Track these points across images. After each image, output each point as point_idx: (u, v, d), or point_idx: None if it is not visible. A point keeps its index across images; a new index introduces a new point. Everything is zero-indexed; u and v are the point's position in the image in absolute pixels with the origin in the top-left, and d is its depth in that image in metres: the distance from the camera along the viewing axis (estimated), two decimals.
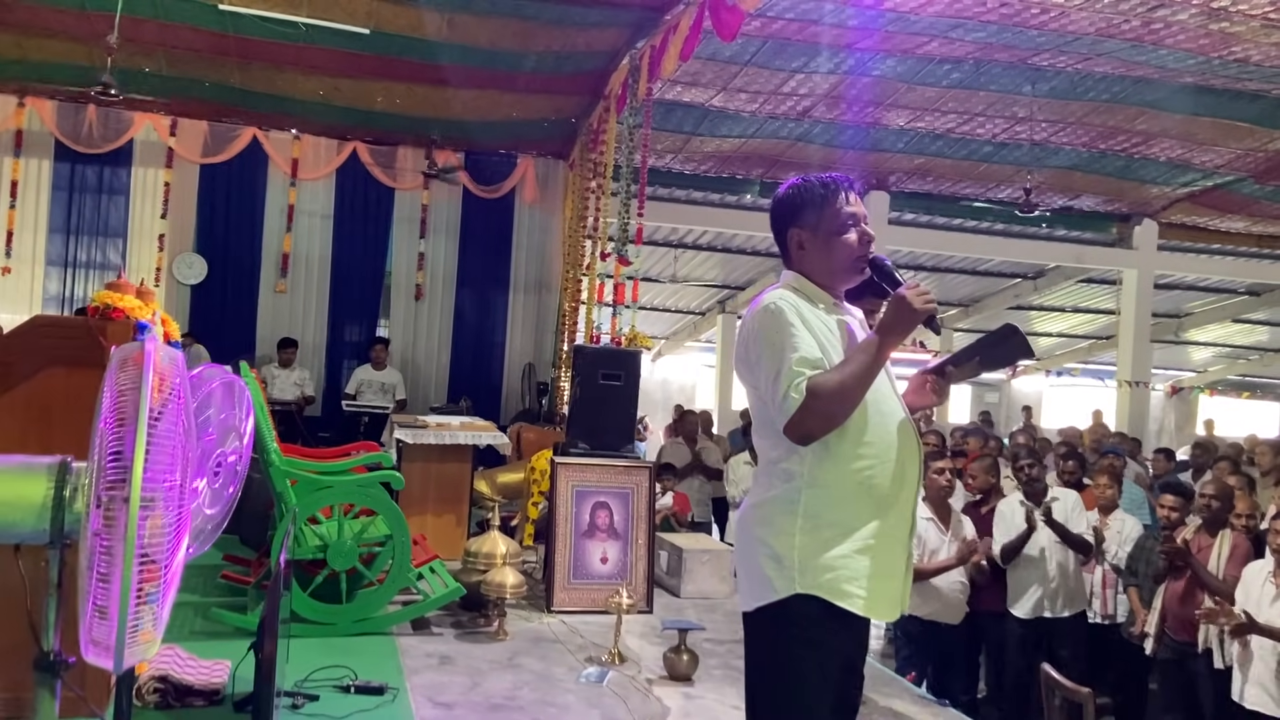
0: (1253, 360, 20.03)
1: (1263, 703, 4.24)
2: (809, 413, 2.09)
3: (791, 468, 2.19)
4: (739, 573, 2.32)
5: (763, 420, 2.27)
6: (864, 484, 2.19)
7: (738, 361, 2.31)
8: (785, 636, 2.17)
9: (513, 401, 9.75)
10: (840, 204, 2.28)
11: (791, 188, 2.35)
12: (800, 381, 2.10)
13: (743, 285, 14.82)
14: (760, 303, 2.25)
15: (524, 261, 9.97)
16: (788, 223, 2.33)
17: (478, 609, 4.55)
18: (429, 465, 5.70)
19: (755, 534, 2.22)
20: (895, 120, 9.19)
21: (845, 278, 2.32)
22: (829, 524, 2.17)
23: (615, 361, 5.09)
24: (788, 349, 2.13)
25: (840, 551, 2.16)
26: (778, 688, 2.19)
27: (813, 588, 2.14)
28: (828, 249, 2.29)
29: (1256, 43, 7.07)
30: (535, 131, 9.32)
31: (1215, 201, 11.50)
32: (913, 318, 2.14)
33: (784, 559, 2.16)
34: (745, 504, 2.32)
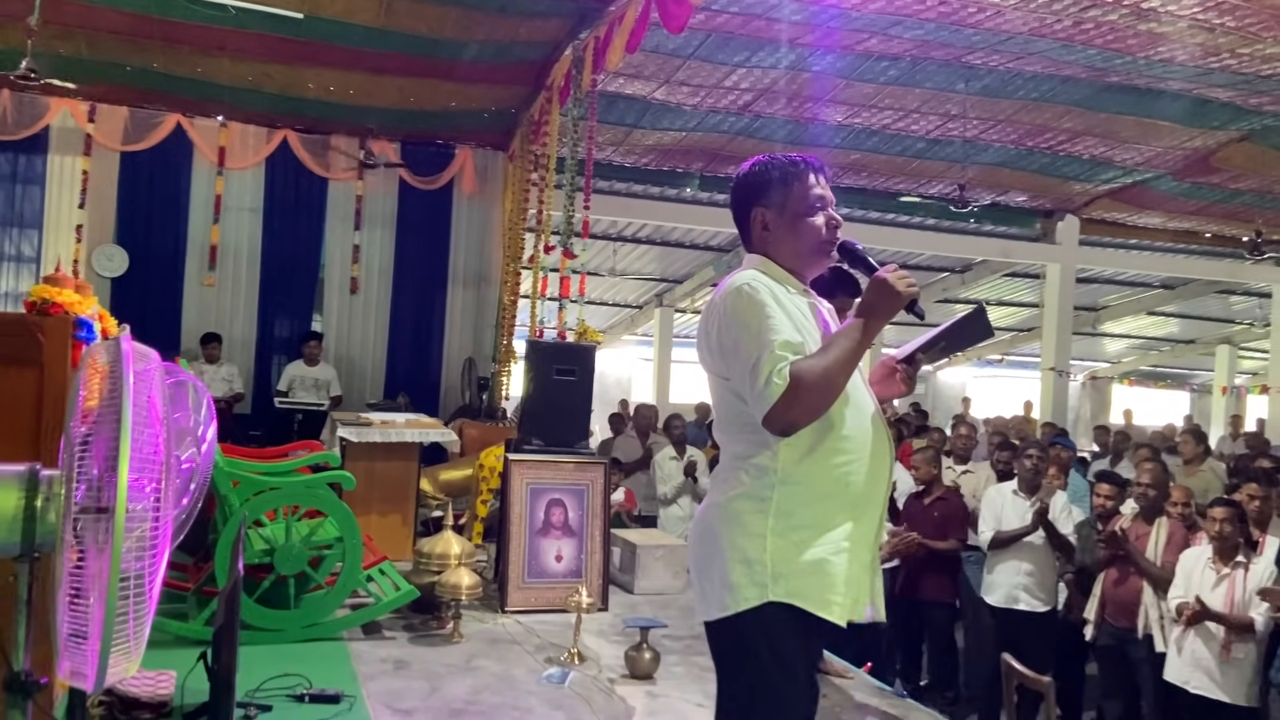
0: (1164, 351, 20.82)
1: (1203, 686, 4.38)
2: (793, 401, 1.93)
3: (764, 463, 2.04)
4: (698, 577, 2.13)
5: (730, 412, 2.11)
6: (839, 481, 2.06)
7: (704, 349, 2.14)
8: (757, 649, 2.01)
9: (452, 397, 9.60)
10: (809, 184, 2.16)
11: (757, 165, 2.22)
12: (783, 367, 1.94)
13: (680, 279, 14.85)
14: (729, 285, 2.08)
15: (463, 254, 9.81)
16: (751, 201, 2.19)
17: (430, 611, 4.46)
18: (374, 464, 5.57)
19: (721, 535, 2.05)
20: (833, 116, 9.27)
21: (812, 262, 2.19)
22: (802, 524, 2.03)
23: (568, 357, 5.03)
24: (767, 332, 1.98)
25: (816, 555, 2.02)
26: (754, 705, 2.03)
27: (787, 595, 1.99)
28: (794, 231, 2.16)
29: (1183, 43, 7.29)
30: (475, 122, 9.17)
31: (1134, 198, 11.87)
32: (896, 301, 2.04)
33: (755, 563, 2.00)
34: (707, 502, 2.15)
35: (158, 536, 1.55)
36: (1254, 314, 17.39)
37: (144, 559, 1.49)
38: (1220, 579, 4.42)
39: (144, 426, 1.57)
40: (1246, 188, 11.09)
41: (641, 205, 11.14)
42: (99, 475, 1.53)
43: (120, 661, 1.46)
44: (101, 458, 1.53)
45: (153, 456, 1.55)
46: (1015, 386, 18.85)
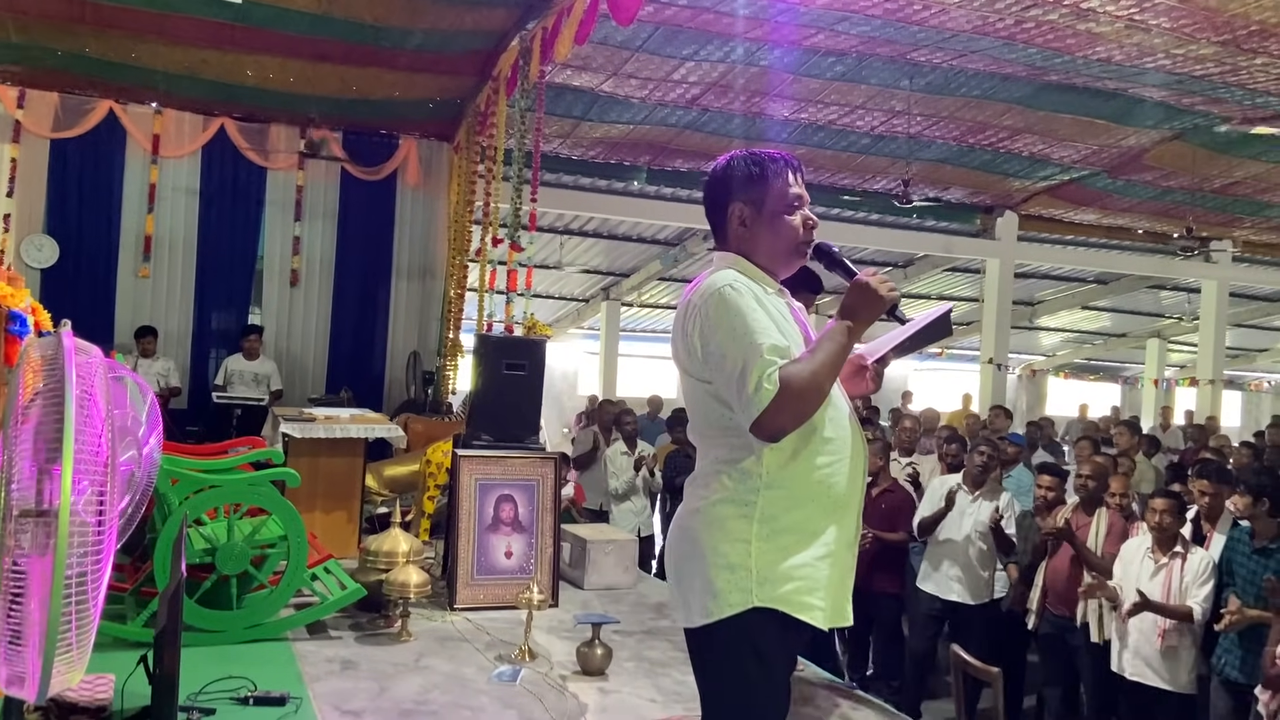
0: (1097, 345, 21.35)
1: (1142, 673, 4.49)
2: (783, 407, 1.90)
3: (748, 467, 2.01)
4: (678, 584, 2.10)
5: (709, 415, 2.07)
6: (823, 484, 2.03)
7: (681, 351, 2.08)
8: (741, 654, 1.99)
9: (396, 391, 9.46)
10: (789, 182, 2.13)
11: (736, 159, 2.17)
12: (773, 372, 1.91)
13: (627, 272, 14.84)
14: (707, 286, 2.04)
15: (407, 247, 9.65)
16: (729, 196, 2.14)
17: (377, 610, 4.39)
18: (318, 460, 5.46)
19: (703, 541, 2.02)
20: (780, 111, 9.32)
21: (787, 261, 2.16)
22: (787, 529, 2.00)
23: (519, 351, 4.98)
24: (755, 336, 1.94)
25: (801, 559, 2.00)
26: (738, 711, 2.03)
27: (772, 600, 1.97)
28: (773, 228, 2.12)
29: (1120, 43, 7.45)
30: (419, 112, 9.03)
31: (1070, 195, 12.15)
32: (879, 305, 2.03)
33: (739, 568, 1.98)
34: (687, 507, 2.11)
35: (102, 539, 1.49)
36: (1183, 309, 17.92)
37: (87, 562, 1.43)
38: (1159, 568, 4.53)
39: (86, 425, 1.51)
40: (1178, 185, 11.40)
41: (589, 198, 11.11)
42: (39, 475, 1.46)
43: (63, 669, 1.39)
44: (42, 457, 1.46)
45: (95, 456, 1.49)
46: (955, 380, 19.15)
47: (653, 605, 5.01)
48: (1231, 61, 7.72)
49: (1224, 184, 11.38)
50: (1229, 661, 4.37)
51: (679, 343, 2.10)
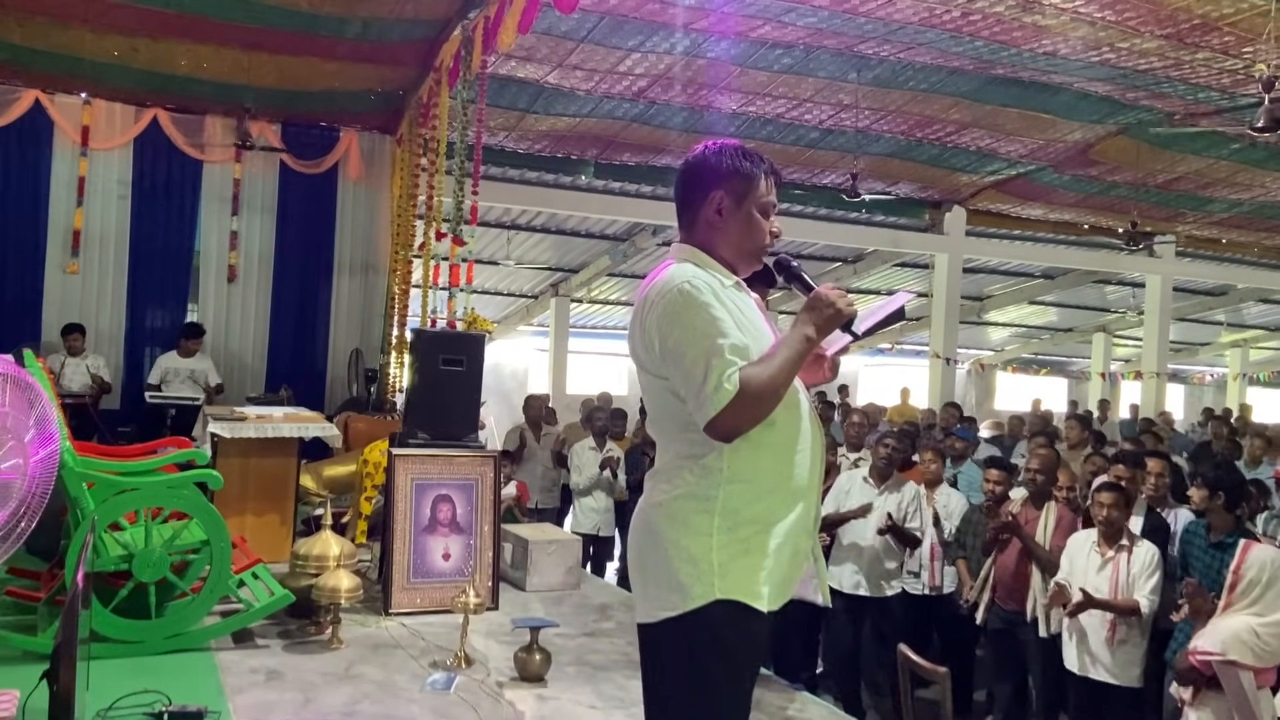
0: (1044, 339, 21.61)
1: (1091, 668, 4.46)
2: (740, 408, 1.93)
3: (710, 462, 2.01)
4: (638, 578, 2.10)
5: (669, 411, 2.07)
6: (782, 475, 2.06)
7: (638, 346, 2.08)
8: (704, 649, 1.98)
9: (338, 389, 9.23)
10: (770, 186, 2.16)
11: (725, 149, 2.15)
12: (733, 373, 1.93)
13: (576, 268, 14.68)
14: (666, 281, 2.04)
15: (349, 241, 9.41)
16: (713, 183, 2.12)
17: (308, 616, 4.21)
18: (248, 461, 5.25)
19: (664, 535, 2.02)
20: (728, 104, 9.24)
21: (748, 261, 2.17)
22: (748, 521, 2.02)
23: (456, 346, 4.82)
24: (715, 335, 1.96)
25: (760, 550, 2.02)
26: (693, 710, 2.01)
27: (734, 592, 1.98)
28: (747, 226, 2.13)
29: (1065, 36, 7.47)
30: (360, 103, 8.81)
31: (1017, 189, 12.22)
32: (836, 319, 2.05)
33: (700, 561, 1.98)
34: (647, 503, 2.10)
35: None
36: (1128, 303, 18.19)
37: None
38: (1105, 562, 4.50)
39: None
40: (1123, 180, 11.53)
41: (535, 192, 10.92)
42: None
43: None
44: None
45: None
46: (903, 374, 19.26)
47: (596, 607, 4.88)
48: (1174, 56, 7.78)
49: (1167, 179, 11.51)
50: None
51: (637, 338, 2.10)
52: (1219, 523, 4.54)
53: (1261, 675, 3.71)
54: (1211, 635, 3.74)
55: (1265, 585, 3.72)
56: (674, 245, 2.21)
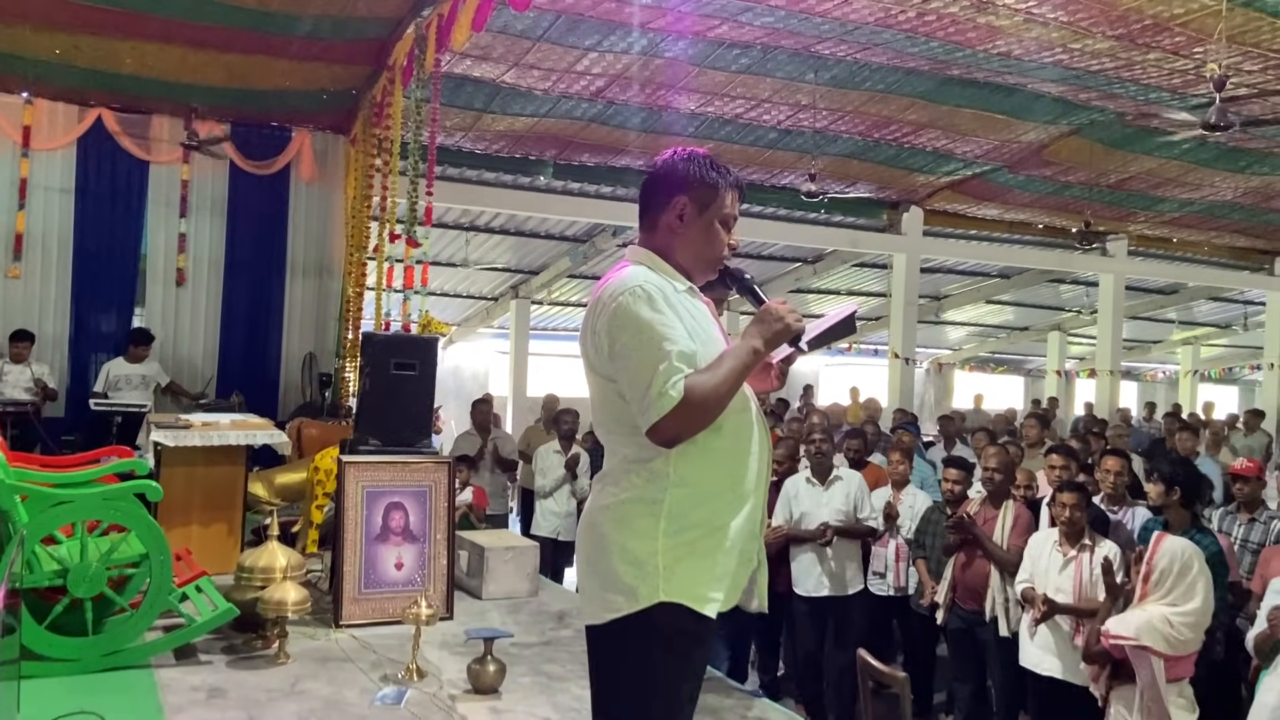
0: (1001, 338, 21.85)
1: (1054, 669, 4.45)
2: (682, 416, 1.95)
3: (657, 467, 2.03)
4: (586, 581, 2.14)
5: (617, 414, 2.09)
6: (728, 480, 2.09)
7: (589, 349, 2.11)
8: (648, 650, 2.01)
9: (292, 395, 9.05)
10: (734, 200, 2.20)
11: (694, 157, 2.19)
12: (679, 380, 1.95)
13: (536, 270, 14.56)
14: (618, 285, 2.06)
15: (302, 244, 9.22)
16: (678, 188, 2.16)
17: (254, 630, 4.08)
18: (194, 470, 5.10)
19: (611, 538, 2.05)
20: (686, 104, 9.19)
21: (704, 271, 2.20)
22: (694, 524, 2.04)
23: (408, 349, 4.71)
24: (663, 341, 1.98)
25: (706, 554, 2.05)
26: (639, 710, 2.02)
27: (678, 595, 2.01)
28: (707, 234, 2.17)
29: (1019, 37, 7.50)
30: (312, 103, 8.64)
31: (973, 190, 12.31)
32: (784, 333, 2.08)
33: (646, 564, 2.01)
34: (594, 505, 2.13)
35: None
36: (1082, 301, 18.42)
37: None
38: (1067, 562, 4.49)
39: None
40: (1076, 180, 11.64)
41: (493, 193, 10.79)
42: None
43: None
44: None
45: None
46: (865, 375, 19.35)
47: (554, 614, 4.80)
48: (1126, 56, 7.84)
49: (1119, 179, 11.65)
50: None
51: (587, 339, 2.13)
52: (1176, 519, 4.56)
53: (1175, 666, 3.77)
54: (1126, 621, 3.80)
55: (1177, 575, 3.78)
56: (630, 248, 2.23)
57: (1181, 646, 3.76)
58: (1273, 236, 14.60)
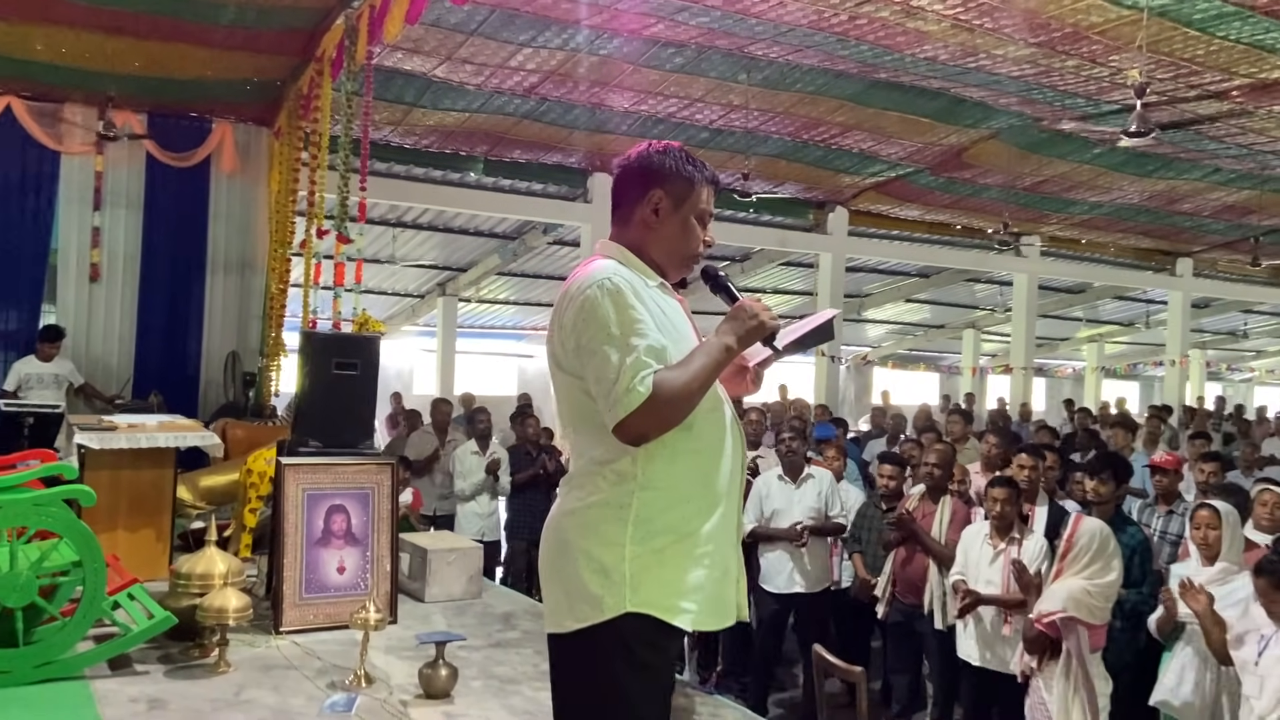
0: (918, 336, 22.40)
1: (984, 658, 4.58)
2: (650, 412, 1.87)
3: (624, 469, 1.95)
4: (550, 587, 2.05)
5: (585, 413, 2.00)
6: (700, 483, 2.01)
7: (556, 345, 2.03)
8: (614, 661, 1.93)
9: (213, 394, 8.76)
10: (709, 194, 2.14)
11: (670, 150, 2.12)
12: (647, 375, 1.87)
13: (464, 267, 14.39)
14: (587, 278, 1.98)
15: (223, 239, 8.92)
16: (654, 181, 2.08)
17: (191, 638, 3.95)
18: (120, 473, 4.90)
19: (576, 544, 1.98)
20: (620, 102, 9.18)
21: (679, 267, 2.14)
22: (662, 530, 1.96)
23: (350, 349, 4.60)
24: (632, 336, 1.90)
25: (674, 561, 1.96)
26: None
27: (645, 605, 1.93)
28: (682, 229, 2.10)
29: (945, 42, 7.69)
30: (234, 94, 8.37)
31: (896, 191, 12.58)
32: (759, 331, 2.02)
33: (613, 572, 1.93)
34: (559, 510, 2.05)
35: None
36: (995, 300, 18.98)
37: None
38: (997, 554, 4.62)
39: None
40: (994, 183, 11.99)
41: (422, 189, 10.62)
42: None
43: None
44: None
45: None
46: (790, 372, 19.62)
47: (500, 616, 4.75)
48: (1046, 63, 8.10)
49: (1034, 182, 12.04)
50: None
51: (554, 336, 2.05)
52: (1103, 513, 4.73)
53: (1093, 637, 4.08)
54: (1051, 598, 4.07)
55: (1095, 552, 4.09)
56: (601, 242, 2.16)
57: (1100, 615, 4.08)
58: (1175, 238, 15.26)
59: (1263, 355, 25.70)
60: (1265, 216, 13.47)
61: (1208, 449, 7.03)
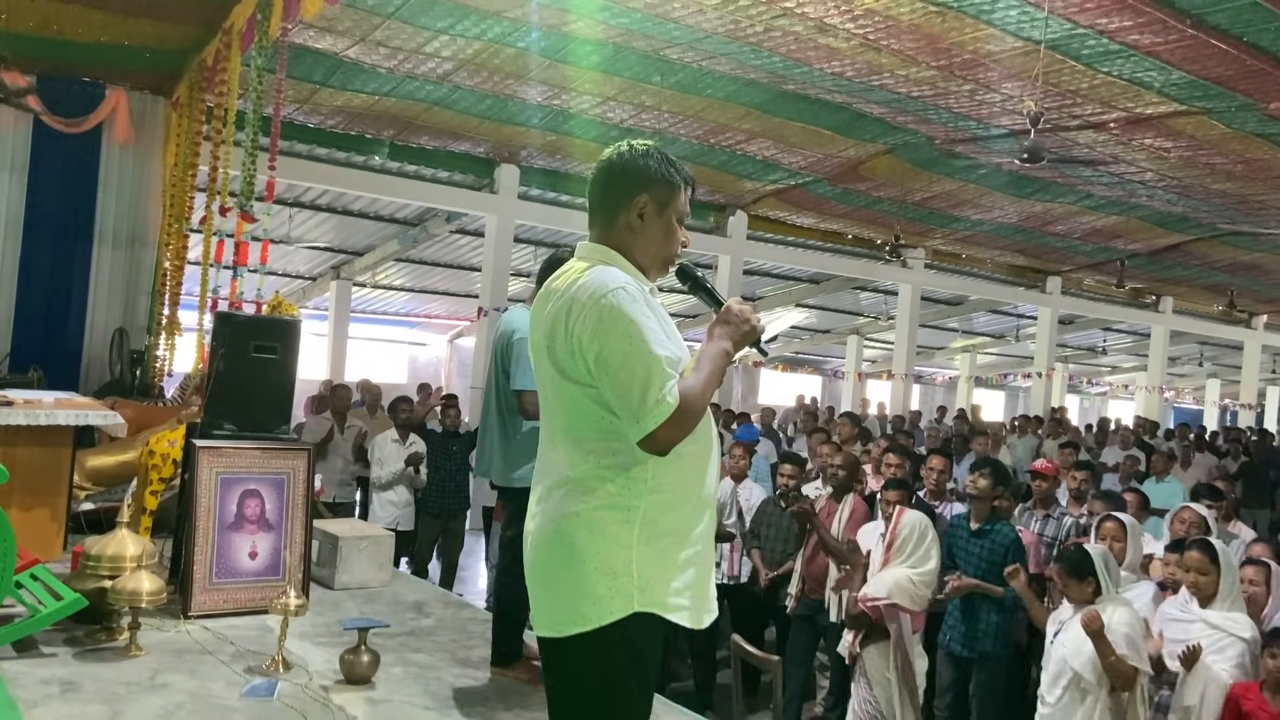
0: (805, 340, 23.04)
1: None
2: (678, 423, 1.93)
3: (637, 474, 1.99)
4: (544, 591, 2.05)
5: (590, 419, 2.02)
6: (696, 484, 2.08)
7: (563, 352, 2.02)
8: (618, 663, 1.97)
9: (96, 371, 8.39)
10: (687, 196, 2.19)
11: (650, 153, 2.15)
12: (673, 387, 1.92)
13: (360, 251, 14.11)
14: (598, 286, 1.99)
15: (113, 209, 8.54)
16: (639, 186, 2.11)
17: (98, 621, 3.84)
18: (14, 451, 4.67)
19: (582, 546, 1.98)
20: (533, 95, 9.20)
21: (659, 269, 2.18)
22: (665, 531, 2.01)
23: (269, 332, 4.52)
24: (651, 346, 1.94)
25: (676, 562, 2.02)
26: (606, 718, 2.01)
27: (652, 605, 1.97)
28: (665, 233, 2.15)
29: (853, 59, 7.99)
30: (132, 60, 8.02)
31: (795, 198, 12.96)
32: (749, 335, 2.10)
33: (621, 574, 1.96)
34: (560, 511, 2.02)
35: None
36: (879, 308, 19.71)
37: None
38: None
39: None
40: (887, 196, 12.48)
41: (325, 170, 10.39)
42: None
43: None
44: None
45: None
46: None
47: (411, 604, 4.76)
48: (944, 86, 8.51)
49: (923, 197, 12.58)
50: (953, 636, 4.81)
51: (559, 343, 2.04)
52: (980, 510, 5.04)
53: (914, 620, 4.48)
54: (877, 584, 4.43)
55: (916, 542, 4.50)
56: (584, 245, 2.19)
57: (921, 601, 4.45)
58: (1046, 257, 16.16)
59: (1118, 370, 27.41)
60: (1130, 241, 14.43)
61: (1077, 458, 7.54)
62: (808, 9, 7.10)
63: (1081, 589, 3.88)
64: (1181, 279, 17.02)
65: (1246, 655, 3.73)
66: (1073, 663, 3.75)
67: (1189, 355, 24.86)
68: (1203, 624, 3.77)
